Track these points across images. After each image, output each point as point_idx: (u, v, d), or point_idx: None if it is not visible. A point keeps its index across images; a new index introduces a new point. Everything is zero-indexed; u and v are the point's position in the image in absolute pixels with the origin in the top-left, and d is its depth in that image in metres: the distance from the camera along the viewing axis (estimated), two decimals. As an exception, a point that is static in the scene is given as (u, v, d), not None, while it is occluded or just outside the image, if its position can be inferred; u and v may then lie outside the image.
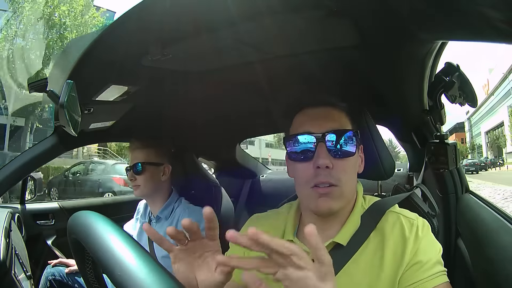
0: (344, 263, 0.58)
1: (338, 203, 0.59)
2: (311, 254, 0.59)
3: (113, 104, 0.96)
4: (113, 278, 0.34)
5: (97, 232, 0.39)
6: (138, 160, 1.18)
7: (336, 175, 0.58)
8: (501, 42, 0.44)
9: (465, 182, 1.08)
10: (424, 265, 0.54)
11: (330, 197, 0.58)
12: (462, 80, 0.72)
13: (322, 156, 0.58)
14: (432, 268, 0.54)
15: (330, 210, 0.59)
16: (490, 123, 32.56)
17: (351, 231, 0.60)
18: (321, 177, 0.58)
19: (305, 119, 0.63)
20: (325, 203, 0.58)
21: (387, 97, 0.93)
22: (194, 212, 1.16)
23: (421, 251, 0.56)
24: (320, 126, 0.60)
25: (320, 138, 0.58)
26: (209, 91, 1.01)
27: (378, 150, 0.73)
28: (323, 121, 0.60)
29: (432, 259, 0.55)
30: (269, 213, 0.73)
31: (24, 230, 1.35)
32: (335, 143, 0.59)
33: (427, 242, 0.57)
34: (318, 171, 0.58)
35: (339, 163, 0.59)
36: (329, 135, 0.59)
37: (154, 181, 1.20)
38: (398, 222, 0.60)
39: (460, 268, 0.92)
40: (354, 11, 0.57)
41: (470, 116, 36.86)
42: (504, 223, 0.79)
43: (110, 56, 0.70)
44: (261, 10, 0.57)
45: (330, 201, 0.58)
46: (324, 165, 0.57)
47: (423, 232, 0.58)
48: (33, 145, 1.07)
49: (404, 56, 0.67)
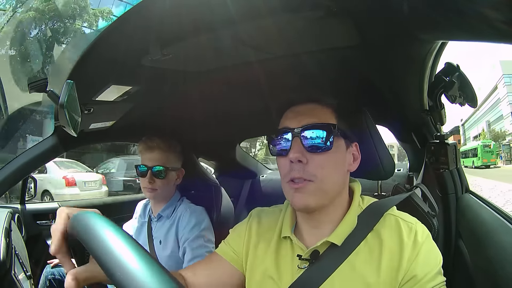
0: (339, 263, 0.57)
1: (315, 199, 0.58)
2: (305, 253, 0.60)
3: (113, 104, 0.96)
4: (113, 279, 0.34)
5: (97, 233, 0.39)
6: (160, 163, 1.14)
7: (311, 170, 0.57)
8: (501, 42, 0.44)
9: (465, 182, 1.08)
10: (422, 279, 0.53)
11: (303, 192, 0.57)
12: (462, 80, 0.72)
13: (294, 150, 0.58)
14: (431, 281, 0.53)
15: (307, 207, 0.58)
16: (474, 131, 37.22)
17: (346, 231, 0.59)
18: (294, 172, 0.58)
19: (288, 115, 0.63)
20: (300, 199, 0.58)
21: (387, 97, 0.93)
22: (195, 212, 1.16)
23: (420, 263, 0.54)
24: (299, 122, 0.60)
25: (295, 133, 0.59)
26: (209, 91, 1.01)
27: (378, 150, 0.72)
28: (303, 117, 0.60)
29: (431, 272, 0.53)
30: (271, 208, 0.74)
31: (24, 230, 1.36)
32: (312, 138, 0.58)
33: (426, 251, 0.55)
34: (292, 165, 0.58)
35: (315, 158, 0.58)
36: (306, 130, 0.58)
37: (170, 186, 1.19)
38: (396, 225, 0.58)
39: (460, 268, 0.92)
40: (354, 11, 0.57)
41: (464, 123, 39.83)
42: (504, 223, 0.79)
43: (110, 56, 0.70)
44: (261, 10, 0.57)
45: (306, 196, 0.57)
46: (295, 159, 0.57)
47: (423, 238, 0.56)
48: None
49: (404, 56, 0.67)
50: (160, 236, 1.17)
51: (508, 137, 25.43)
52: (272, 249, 0.65)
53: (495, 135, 28.45)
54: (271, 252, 0.65)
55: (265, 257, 0.65)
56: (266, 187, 2.00)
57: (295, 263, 0.60)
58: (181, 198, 1.24)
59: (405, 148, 1.43)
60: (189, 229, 1.11)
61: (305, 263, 0.59)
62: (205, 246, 1.10)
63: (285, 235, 0.64)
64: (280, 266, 0.63)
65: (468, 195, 1.06)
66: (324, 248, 0.59)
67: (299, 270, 0.59)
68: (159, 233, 1.18)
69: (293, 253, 0.62)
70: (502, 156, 25.62)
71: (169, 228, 1.16)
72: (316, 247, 0.59)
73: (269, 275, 0.63)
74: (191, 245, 1.09)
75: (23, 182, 1.47)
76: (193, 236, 1.10)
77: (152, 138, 1.17)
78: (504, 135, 26.76)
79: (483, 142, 22.75)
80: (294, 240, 0.62)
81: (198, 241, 1.10)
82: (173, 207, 1.20)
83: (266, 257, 0.65)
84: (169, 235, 1.15)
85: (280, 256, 0.64)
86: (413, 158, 1.43)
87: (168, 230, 1.16)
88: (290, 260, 0.62)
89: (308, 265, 0.59)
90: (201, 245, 1.09)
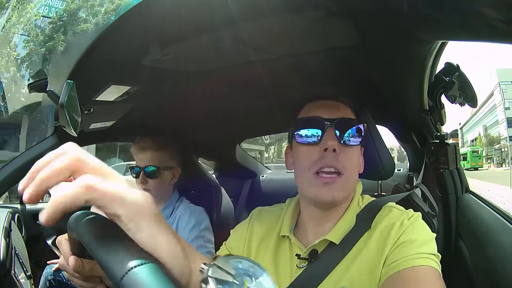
0: (338, 261, 0.57)
1: (341, 193, 0.59)
2: (304, 252, 0.59)
3: (113, 104, 0.96)
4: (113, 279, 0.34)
5: (97, 233, 0.39)
6: (152, 163, 1.13)
7: (343, 161, 0.58)
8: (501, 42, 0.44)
9: (465, 182, 1.08)
10: (411, 243, 0.52)
11: (333, 185, 0.58)
12: (462, 80, 0.72)
13: (330, 138, 0.58)
14: (420, 247, 0.52)
15: (333, 200, 0.58)
16: (471, 135, 39.00)
17: (344, 230, 0.59)
18: (327, 159, 0.58)
19: (315, 106, 0.63)
20: (328, 192, 0.57)
21: (387, 97, 0.93)
22: (194, 212, 1.16)
23: (408, 232, 0.54)
24: (331, 114, 0.61)
25: (330, 123, 0.59)
26: (210, 91, 1.01)
27: (378, 150, 0.73)
28: (333, 110, 0.62)
29: (419, 239, 0.53)
30: (271, 207, 0.74)
31: (24, 230, 1.35)
32: (344, 130, 0.60)
33: (416, 225, 0.55)
34: (325, 154, 0.58)
35: (346, 150, 0.59)
36: (340, 122, 0.60)
37: (164, 186, 1.18)
38: (390, 213, 0.60)
39: (460, 268, 0.92)
40: (354, 11, 0.57)
41: (462, 126, 41.62)
42: (504, 223, 0.79)
43: (110, 56, 0.70)
44: (261, 10, 0.57)
45: (334, 190, 0.58)
46: (332, 147, 0.57)
47: (414, 217, 0.57)
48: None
49: (404, 56, 0.67)
50: None
51: (502, 141, 26.42)
52: (271, 249, 0.65)
53: (490, 140, 29.86)
54: (270, 251, 0.65)
55: (264, 257, 0.65)
56: (266, 187, 1.99)
57: (294, 263, 0.61)
58: (180, 198, 1.24)
59: (405, 148, 1.43)
60: (189, 229, 1.11)
61: (303, 263, 0.59)
62: (205, 247, 1.10)
63: (284, 234, 0.64)
64: (279, 265, 0.62)
65: (468, 195, 1.06)
66: (322, 247, 0.59)
67: (298, 270, 0.59)
68: None
69: (292, 252, 0.62)
70: (494, 159, 27.51)
71: None
72: (314, 246, 0.59)
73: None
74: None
75: (23, 182, 1.46)
76: (193, 237, 1.10)
77: (143, 138, 1.17)
78: (499, 140, 27.74)
79: (472, 148, 25.21)
80: (293, 240, 0.62)
81: (197, 241, 1.09)
82: (172, 207, 1.19)
83: (265, 257, 0.65)
84: None
85: (279, 256, 0.64)
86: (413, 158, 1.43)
87: None
88: (289, 259, 0.62)
89: (306, 265, 0.59)
90: (201, 246, 1.09)
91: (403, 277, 0.49)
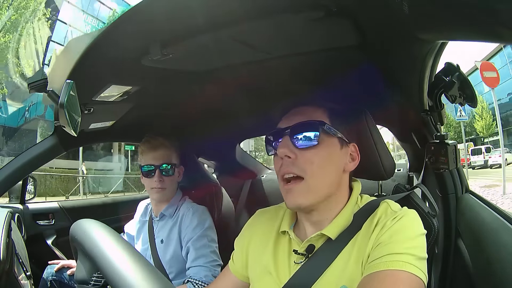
0: (334, 257, 0.58)
1: (306, 198, 0.59)
2: (301, 246, 0.60)
3: (113, 104, 0.96)
4: None
5: (98, 243, 0.40)
6: (167, 161, 1.14)
7: (300, 165, 0.59)
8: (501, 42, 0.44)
9: (465, 182, 1.08)
10: (389, 244, 0.51)
11: (294, 192, 0.59)
12: (462, 80, 0.72)
13: (282, 145, 0.61)
14: (400, 248, 0.50)
15: (299, 206, 0.60)
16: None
17: (341, 226, 0.60)
18: (283, 167, 0.60)
19: (282, 119, 0.66)
20: (292, 199, 0.59)
21: (387, 97, 0.93)
22: (197, 211, 1.16)
23: (391, 231, 0.53)
24: (289, 121, 0.63)
25: (285, 131, 0.62)
26: (209, 91, 1.01)
27: (378, 150, 0.73)
28: (293, 117, 0.63)
29: (400, 239, 0.51)
30: (273, 207, 0.75)
31: (24, 230, 1.35)
32: (299, 134, 0.61)
33: (402, 224, 0.54)
34: (282, 161, 0.61)
35: (304, 153, 0.60)
36: (294, 128, 0.61)
37: (175, 184, 1.19)
38: (379, 210, 0.59)
39: (460, 268, 0.92)
40: (354, 11, 0.57)
41: None
42: (504, 223, 0.79)
43: (110, 56, 0.70)
44: (261, 11, 0.57)
45: (296, 196, 0.59)
46: (282, 154, 0.60)
47: (400, 215, 0.55)
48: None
49: (404, 56, 0.67)
50: (163, 235, 1.17)
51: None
52: (271, 245, 0.66)
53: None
54: (270, 247, 0.66)
55: (265, 253, 0.66)
56: (266, 187, 1.99)
57: (292, 259, 0.62)
58: (184, 197, 1.24)
59: (405, 148, 1.43)
60: (192, 228, 1.11)
61: (301, 258, 0.60)
62: (209, 246, 1.10)
63: (283, 229, 0.65)
64: (278, 261, 0.63)
65: (468, 195, 1.06)
66: (320, 243, 0.60)
67: (295, 266, 0.60)
68: (162, 232, 1.18)
69: (290, 248, 0.63)
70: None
71: (171, 227, 1.16)
72: (311, 240, 0.60)
73: (268, 270, 0.64)
74: (194, 244, 1.09)
75: (23, 182, 1.46)
76: (197, 236, 1.10)
77: (154, 136, 1.16)
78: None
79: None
80: (292, 235, 0.63)
81: (201, 240, 1.10)
82: (176, 206, 1.19)
83: (265, 253, 0.66)
84: (171, 234, 1.15)
85: (278, 252, 0.65)
86: (413, 158, 1.43)
87: (171, 230, 1.16)
88: (287, 255, 0.63)
89: (304, 260, 0.60)
90: (205, 245, 1.09)
91: (373, 280, 0.49)
